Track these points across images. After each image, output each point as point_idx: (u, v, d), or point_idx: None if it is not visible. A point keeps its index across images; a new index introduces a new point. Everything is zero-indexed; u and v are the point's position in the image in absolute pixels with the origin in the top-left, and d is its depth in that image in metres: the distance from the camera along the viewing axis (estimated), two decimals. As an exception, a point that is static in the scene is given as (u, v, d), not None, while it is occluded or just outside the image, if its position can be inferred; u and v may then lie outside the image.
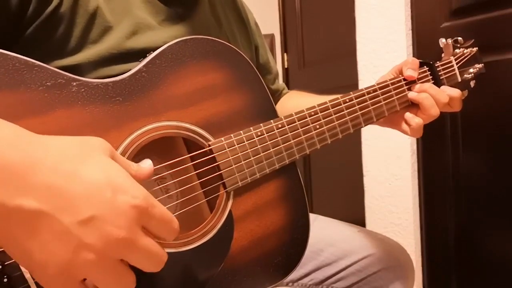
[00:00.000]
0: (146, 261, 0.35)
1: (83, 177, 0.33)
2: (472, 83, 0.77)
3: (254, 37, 0.78)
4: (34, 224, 0.31)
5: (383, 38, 1.33)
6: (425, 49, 1.26)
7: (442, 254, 1.30)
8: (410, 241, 1.33)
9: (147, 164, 0.39)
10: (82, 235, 0.31)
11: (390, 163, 1.37)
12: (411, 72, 0.68)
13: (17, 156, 0.31)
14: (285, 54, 1.98)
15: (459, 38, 0.77)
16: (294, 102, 0.71)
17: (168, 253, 0.44)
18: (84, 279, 0.34)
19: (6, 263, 0.36)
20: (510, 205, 1.13)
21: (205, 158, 0.49)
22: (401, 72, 0.71)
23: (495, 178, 1.16)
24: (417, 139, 1.32)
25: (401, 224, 1.36)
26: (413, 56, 1.29)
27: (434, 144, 1.28)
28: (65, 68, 0.44)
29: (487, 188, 1.18)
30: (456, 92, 0.70)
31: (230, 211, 0.50)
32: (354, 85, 1.43)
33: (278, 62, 1.95)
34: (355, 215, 1.51)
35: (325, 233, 0.78)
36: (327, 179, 1.83)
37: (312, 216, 0.81)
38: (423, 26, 1.26)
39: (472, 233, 1.22)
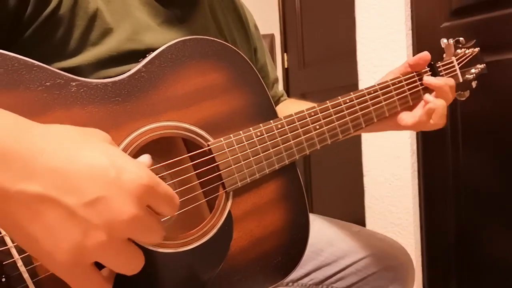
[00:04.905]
0: (151, 236, 0.35)
1: (86, 159, 0.32)
2: (474, 84, 0.77)
3: (253, 40, 0.78)
4: (39, 209, 0.31)
5: (383, 38, 1.33)
6: (425, 49, 1.24)
7: (442, 254, 1.30)
8: (410, 241, 1.33)
9: (145, 159, 0.39)
10: (89, 217, 0.31)
11: (390, 163, 1.37)
12: (424, 55, 0.69)
13: (19, 143, 0.31)
14: (285, 54, 1.98)
15: (461, 39, 0.76)
16: (290, 110, 0.71)
17: (168, 253, 0.45)
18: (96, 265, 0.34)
19: (4, 263, 0.36)
20: (510, 205, 1.13)
21: (205, 158, 0.49)
22: (407, 68, 0.71)
23: (495, 178, 1.16)
24: (417, 139, 1.32)
25: (401, 224, 1.36)
26: (413, 56, 1.29)
27: (434, 144, 1.28)
28: (64, 70, 0.44)
29: (487, 188, 1.18)
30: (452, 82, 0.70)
31: (229, 211, 0.50)
32: (354, 85, 1.43)
33: (278, 62, 1.95)
34: (355, 215, 1.51)
35: (325, 233, 0.78)
36: (327, 179, 1.82)
37: (312, 216, 0.81)
38: (423, 26, 1.26)
39: (472, 233, 1.22)
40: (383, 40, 1.33)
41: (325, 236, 0.77)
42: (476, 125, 1.18)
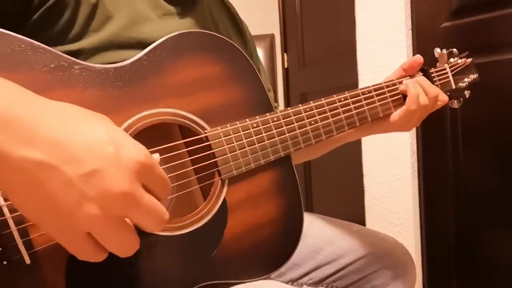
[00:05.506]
0: (149, 218, 0.35)
1: (87, 133, 0.33)
2: (467, 93, 0.79)
3: (250, 47, 0.79)
4: (38, 175, 0.32)
5: (383, 38, 1.34)
6: (425, 49, 1.26)
7: (442, 254, 1.30)
8: (410, 241, 1.33)
9: (156, 156, 0.40)
10: (85, 188, 0.32)
11: (390, 163, 1.37)
12: (417, 57, 0.72)
13: (25, 112, 0.32)
14: (285, 54, 1.99)
15: (454, 50, 0.79)
16: None
17: (163, 236, 0.45)
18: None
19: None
20: (510, 205, 1.13)
21: (201, 145, 0.50)
22: (401, 72, 0.73)
23: (495, 178, 1.16)
24: (417, 139, 1.32)
25: (401, 224, 1.36)
26: (413, 56, 1.29)
27: (434, 144, 1.28)
28: (67, 53, 0.45)
29: (487, 188, 1.17)
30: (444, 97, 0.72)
31: (224, 199, 0.51)
32: (354, 85, 1.43)
33: (278, 62, 1.95)
34: (355, 215, 1.50)
35: (325, 232, 0.78)
36: (327, 179, 1.82)
37: (312, 216, 0.81)
38: (423, 26, 1.27)
39: (472, 233, 1.22)
40: (383, 40, 1.34)
41: (325, 235, 0.78)
42: (476, 125, 1.18)
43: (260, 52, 1.31)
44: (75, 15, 0.50)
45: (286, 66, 1.99)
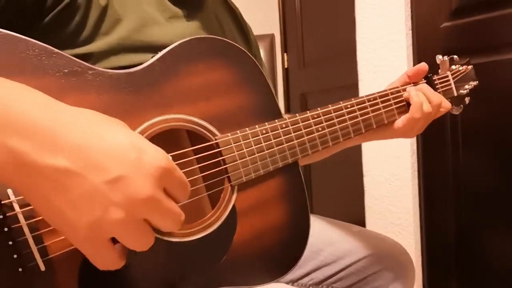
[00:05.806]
0: (167, 220, 0.36)
1: (110, 140, 0.34)
2: (467, 100, 0.80)
3: (254, 49, 0.80)
4: (64, 183, 0.32)
5: (383, 38, 1.34)
6: (425, 49, 1.26)
7: (442, 254, 1.30)
8: (410, 241, 1.33)
9: None
10: (110, 194, 0.33)
11: (390, 163, 1.37)
12: (422, 65, 0.72)
13: (49, 119, 0.33)
14: (285, 54, 1.98)
15: (455, 57, 0.80)
16: None
17: (173, 242, 0.46)
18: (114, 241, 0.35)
19: (7, 214, 0.37)
20: (510, 205, 1.13)
21: (211, 152, 0.51)
22: (406, 78, 0.73)
23: (495, 178, 1.16)
24: (417, 139, 1.32)
25: (401, 224, 1.36)
26: (413, 56, 1.30)
27: (434, 144, 1.28)
28: (78, 56, 0.45)
29: (487, 188, 1.18)
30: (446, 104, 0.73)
31: (234, 205, 0.51)
32: (354, 85, 1.43)
33: (278, 62, 1.95)
34: (355, 215, 1.51)
35: (325, 233, 0.79)
36: (327, 179, 1.82)
37: (312, 217, 0.81)
38: (423, 26, 1.27)
39: (472, 233, 1.23)
40: (383, 40, 1.34)
41: (325, 236, 0.78)
42: (476, 125, 1.18)
43: (260, 52, 1.31)
44: (86, 18, 0.50)
45: (286, 66, 1.99)
